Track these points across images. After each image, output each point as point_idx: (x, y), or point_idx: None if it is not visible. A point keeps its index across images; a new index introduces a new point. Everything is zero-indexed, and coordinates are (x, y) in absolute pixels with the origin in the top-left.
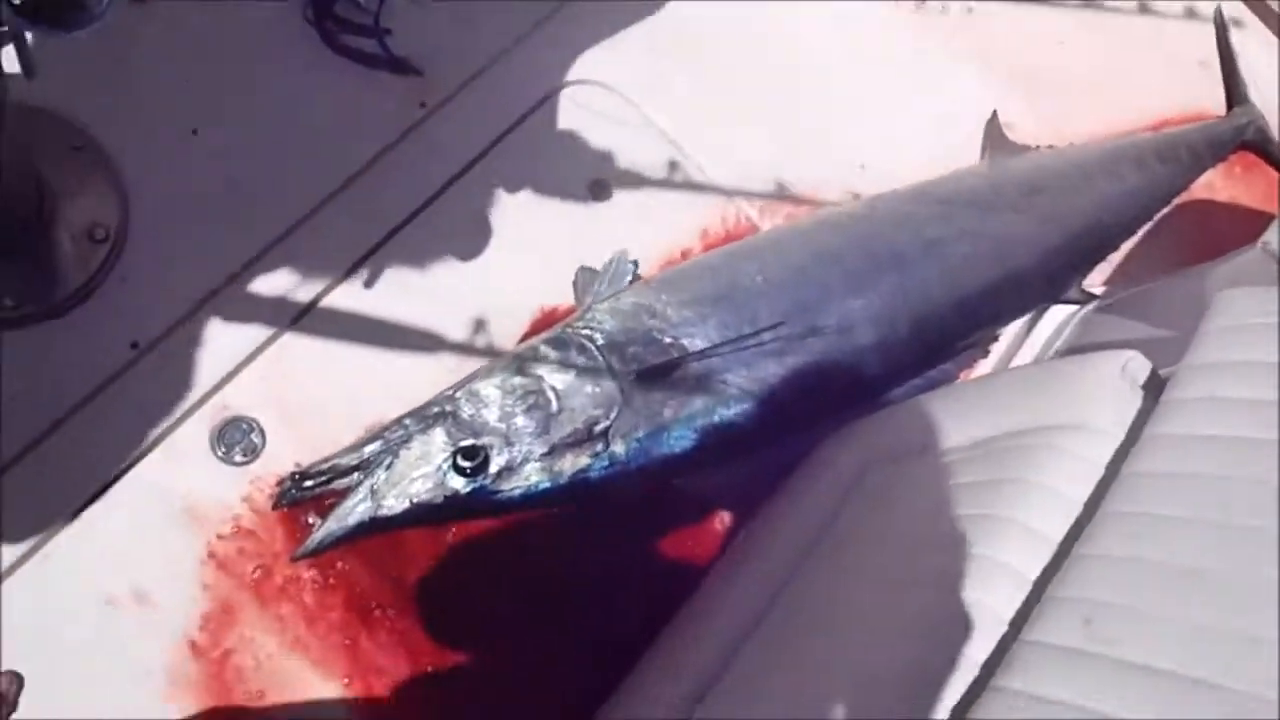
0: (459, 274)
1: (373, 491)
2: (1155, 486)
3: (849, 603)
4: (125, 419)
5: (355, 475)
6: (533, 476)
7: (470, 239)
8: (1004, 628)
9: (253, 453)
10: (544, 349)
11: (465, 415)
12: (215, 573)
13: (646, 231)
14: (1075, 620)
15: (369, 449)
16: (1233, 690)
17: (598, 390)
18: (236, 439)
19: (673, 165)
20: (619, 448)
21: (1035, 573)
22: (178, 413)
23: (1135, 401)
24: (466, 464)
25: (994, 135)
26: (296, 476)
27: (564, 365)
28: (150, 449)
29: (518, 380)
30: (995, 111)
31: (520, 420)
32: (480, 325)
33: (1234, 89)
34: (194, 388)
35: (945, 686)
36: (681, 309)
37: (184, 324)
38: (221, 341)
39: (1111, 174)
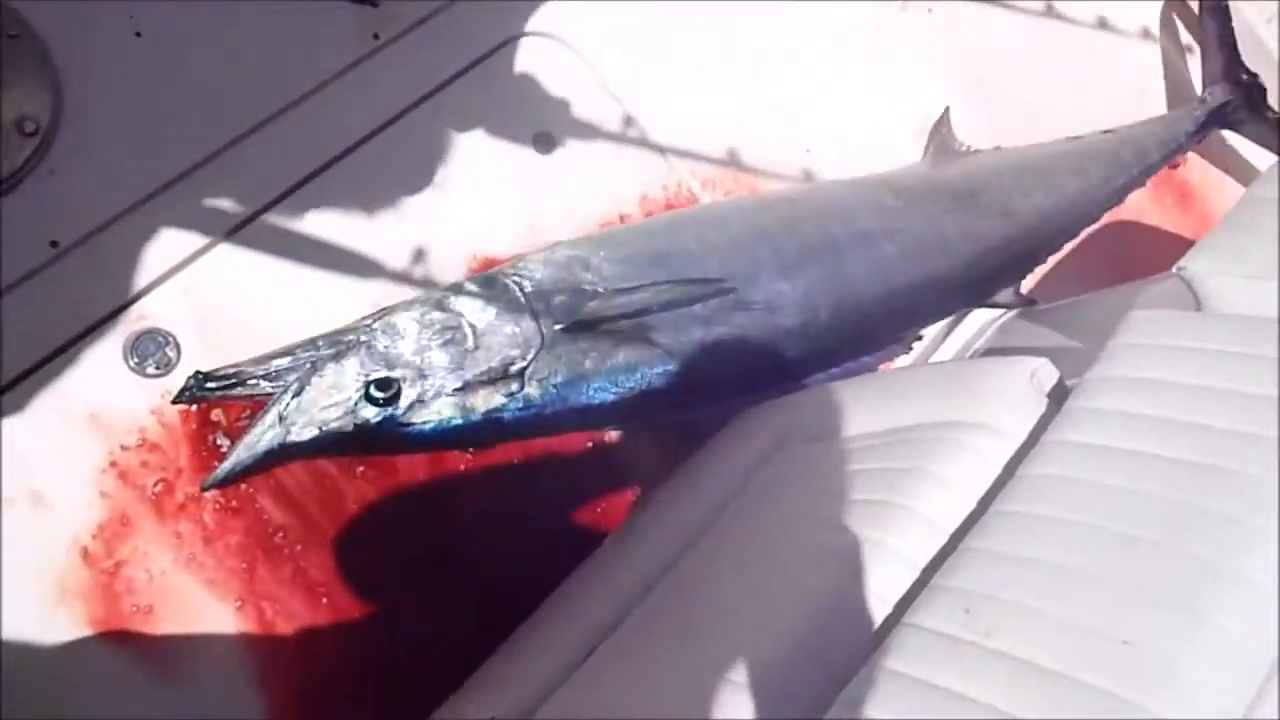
0: (397, 210)
1: (281, 418)
2: (1046, 489)
3: (743, 576)
4: (38, 318)
5: (260, 383)
6: (444, 411)
7: (411, 177)
8: (889, 609)
9: (166, 366)
10: (469, 285)
11: (380, 346)
12: (115, 482)
13: (586, 190)
14: (956, 609)
15: (276, 363)
16: (1100, 689)
17: (517, 331)
18: (150, 350)
19: (622, 125)
20: (534, 390)
21: (925, 560)
22: (92, 317)
23: (1040, 407)
24: (379, 395)
25: (939, 135)
26: (200, 375)
27: (486, 304)
28: (60, 351)
29: (436, 315)
30: (947, 109)
31: (435, 354)
32: (417, 260)
33: (1206, 70)
34: (112, 294)
35: (830, 661)
36: (615, 266)
37: (108, 228)
38: (146, 251)
39: (1048, 180)
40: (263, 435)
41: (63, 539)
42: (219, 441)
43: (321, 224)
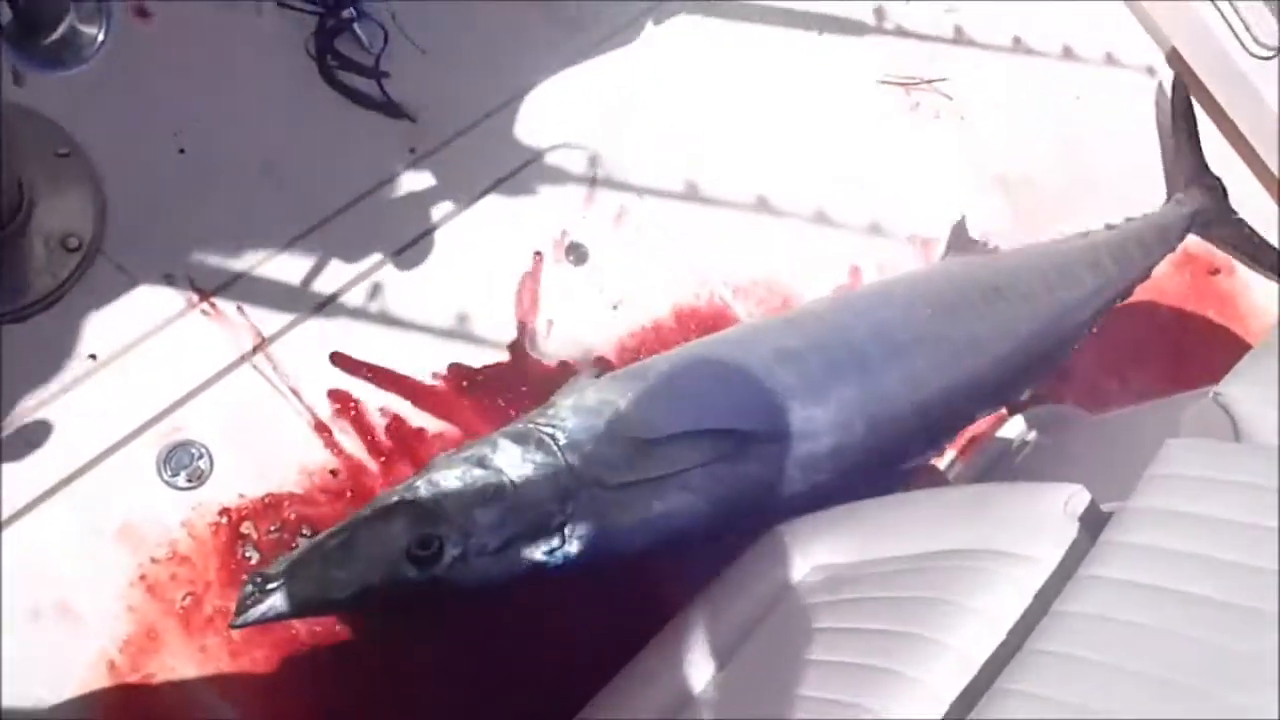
0: (429, 326)
1: (325, 574)
2: (1081, 628)
3: (770, 702)
4: (74, 430)
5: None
6: (486, 568)
7: (443, 287)
8: None
9: (199, 478)
10: (504, 443)
11: (423, 505)
12: (144, 595)
13: (622, 300)
14: None
15: (330, 544)
16: None
17: (555, 486)
18: (184, 463)
19: (655, 235)
20: (574, 546)
21: (953, 696)
22: (127, 430)
23: (1074, 536)
24: (421, 553)
25: (958, 234)
26: (259, 580)
27: (524, 460)
28: (95, 463)
29: (477, 472)
30: (964, 217)
31: (477, 512)
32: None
33: (1178, 172)
34: (147, 407)
35: None
36: (643, 410)
37: (145, 341)
38: (181, 364)
39: (1068, 276)
40: (304, 586)
41: (90, 652)
42: (249, 554)
43: (353, 338)
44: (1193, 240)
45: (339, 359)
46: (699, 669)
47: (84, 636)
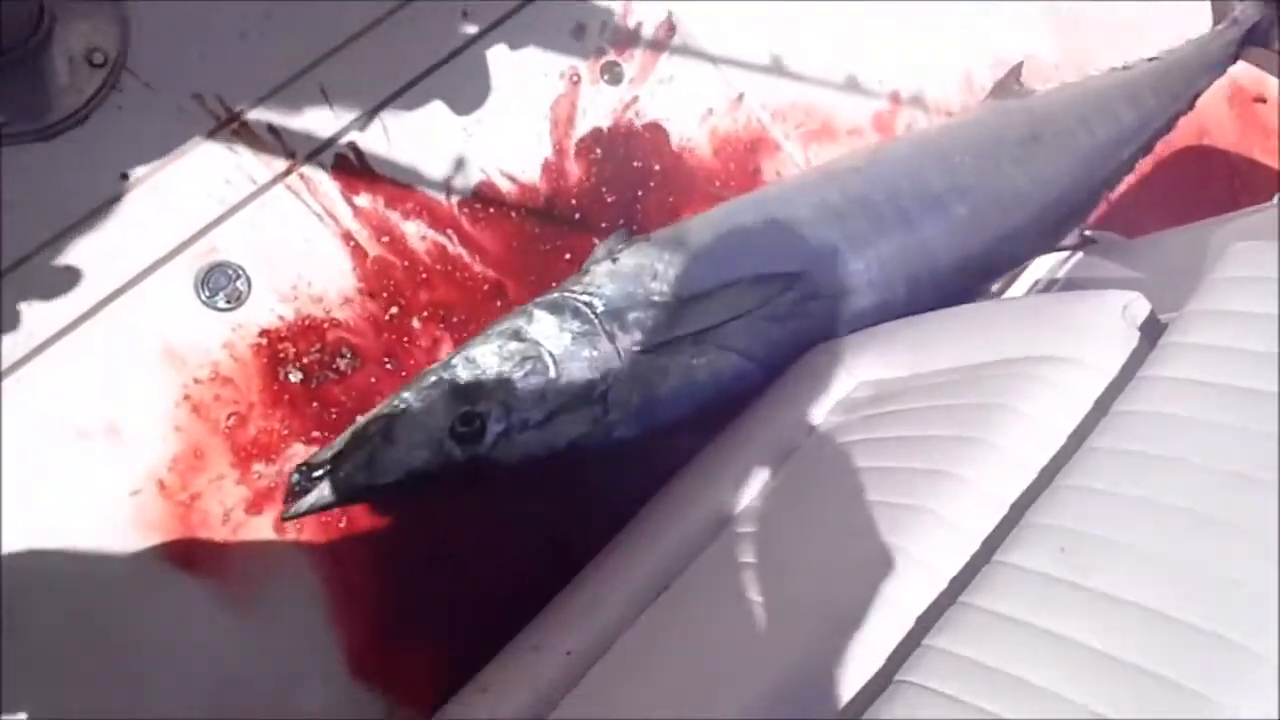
0: (464, 141)
1: (370, 459)
2: (1143, 425)
3: (818, 512)
4: (109, 251)
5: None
6: (530, 443)
7: (478, 107)
8: (976, 547)
9: (237, 300)
10: (539, 314)
11: (463, 381)
12: (189, 416)
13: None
14: (1051, 547)
15: (372, 429)
16: (1204, 630)
17: (595, 355)
18: (221, 284)
19: (690, 52)
20: (616, 414)
21: (1012, 497)
22: (163, 250)
23: (1133, 342)
24: (464, 429)
25: (1008, 78)
26: (303, 468)
27: (561, 330)
28: (132, 285)
29: (514, 346)
30: (1021, 63)
31: (518, 386)
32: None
33: None
34: (182, 227)
35: (912, 597)
36: (681, 269)
37: (177, 160)
38: (214, 184)
39: (1107, 114)
40: (351, 475)
41: (139, 472)
42: (290, 375)
43: (385, 159)
44: (1238, 69)
45: (370, 180)
46: (744, 484)
47: (133, 456)
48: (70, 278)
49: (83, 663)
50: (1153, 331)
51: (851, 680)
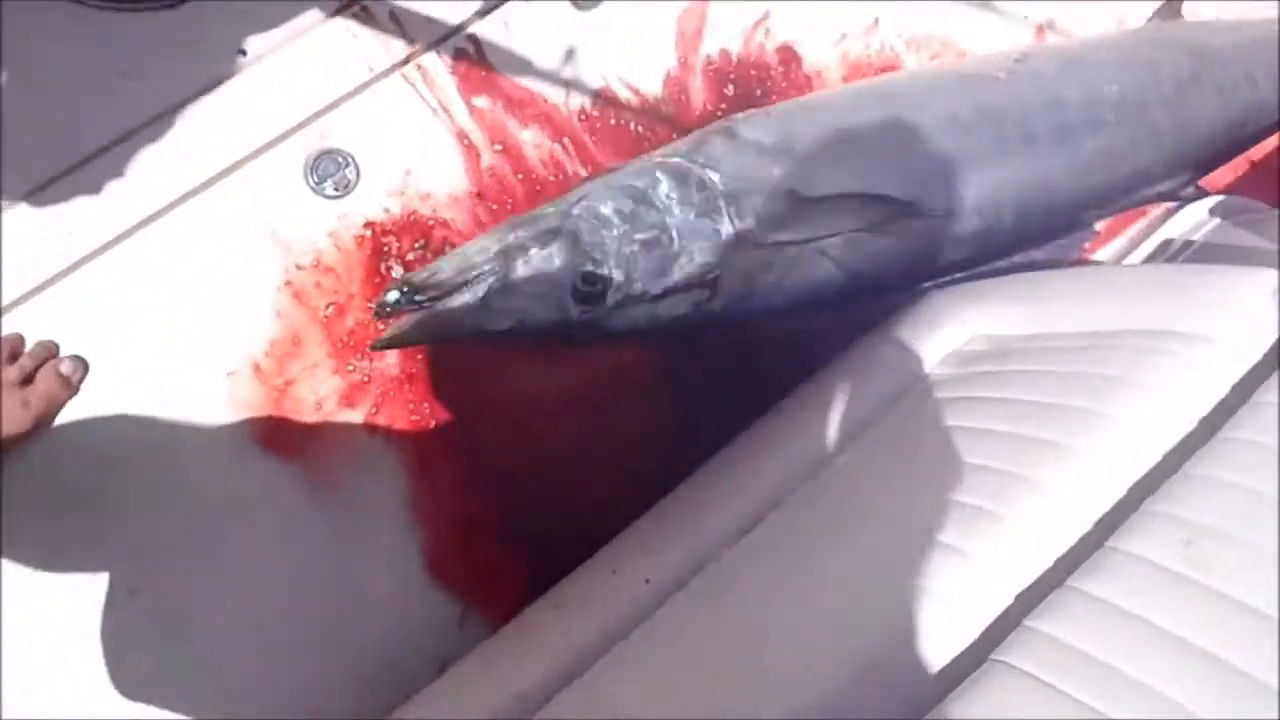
0: (585, 50)
1: (483, 300)
2: None
3: (923, 470)
4: (223, 127)
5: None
6: (640, 316)
7: (599, 17)
8: (1088, 527)
9: (345, 188)
10: (664, 179)
11: (586, 238)
12: (290, 301)
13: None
14: (1173, 539)
15: (482, 261)
16: None
17: (715, 236)
18: (330, 171)
19: None
20: (719, 301)
21: (1132, 479)
22: (276, 132)
23: (1276, 323)
24: (586, 289)
25: (1169, 9)
26: (406, 288)
27: (684, 202)
28: (242, 164)
29: (640, 210)
30: None
31: (640, 256)
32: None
33: None
34: (296, 110)
35: (1012, 572)
36: (799, 158)
37: (295, 41)
38: (331, 68)
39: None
40: (461, 313)
41: (237, 353)
42: (392, 269)
43: (506, 60)
44: None
45: (488, 77)
46: (844, 427)
47: (231, 336)
48: (182, 151)
49: (164, 530)
50: None
51: (943, 652)
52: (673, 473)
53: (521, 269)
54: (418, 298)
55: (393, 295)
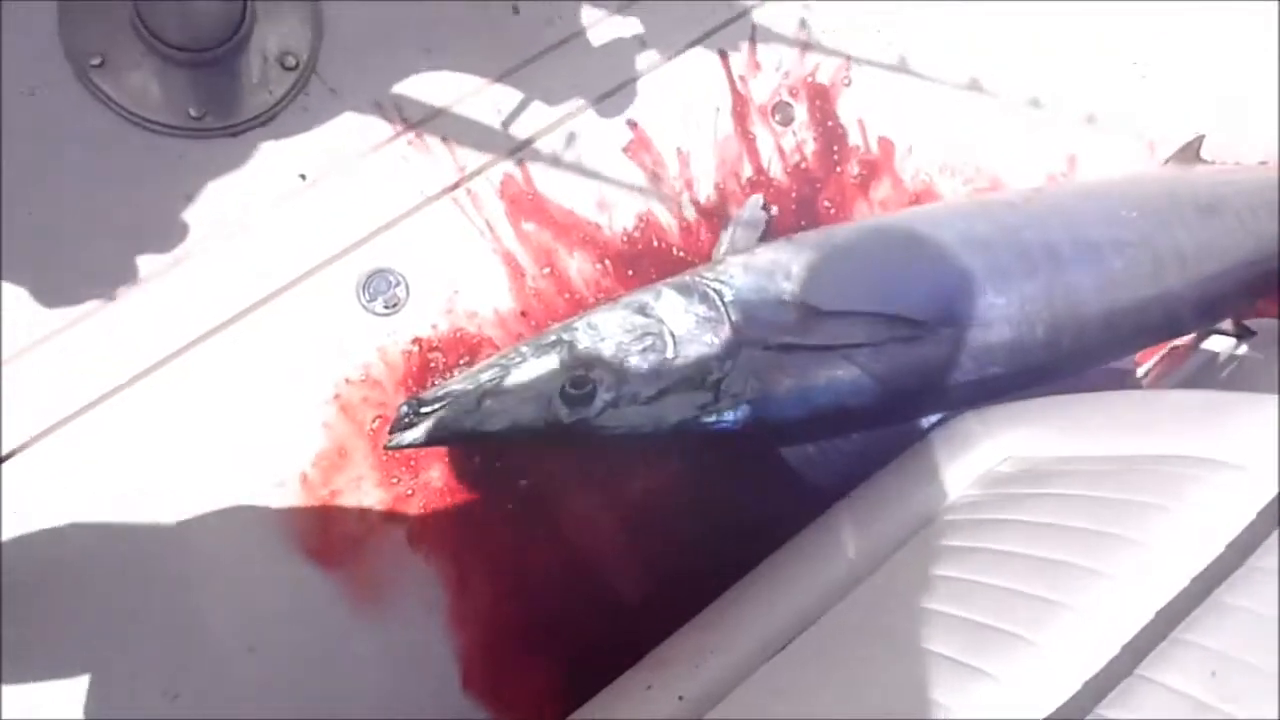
0: (624, 172)
1: (479, 403)
2: None
3: (955, 593)
4: (280, 247)
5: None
6: (636, 417)
7: (640, 140)
8: (1115, 650)
9: (395, 306)
10: (668, 293)
11: (581, 346)
12: (338, 414)
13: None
14: (1201, 668)
15: (485, 376)
16: None
17: (715, 342)
18: (382, 289)
19: (864, 112)
20: (726, 404)
21: (1160, 604)
22: (331, 252)
23: None
24: (575, 392)
25: (1188, 150)
26: (415, 403)
27: (686, 311)
28: (299, 281)
29: (638, 319)
30: (1201, 137)
31: (634, 359)
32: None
33: None
34: (352, 230)
35: (1040, 696)
36: (817, 278)
37: (353, 166)
38: (385, 191)
39: None
40: (457, 416)
41: (286, 464)
42: (437, 384)
43: (550, 182)
44: None
45: (535, 202)
46: (874, 547)
47: (281, 448)
48: (239, 270)
49: (205, 638)
50: None
51: None
52: (708, 589)
53: (516, 375)
54: (424, 409)
55: (403, 409)
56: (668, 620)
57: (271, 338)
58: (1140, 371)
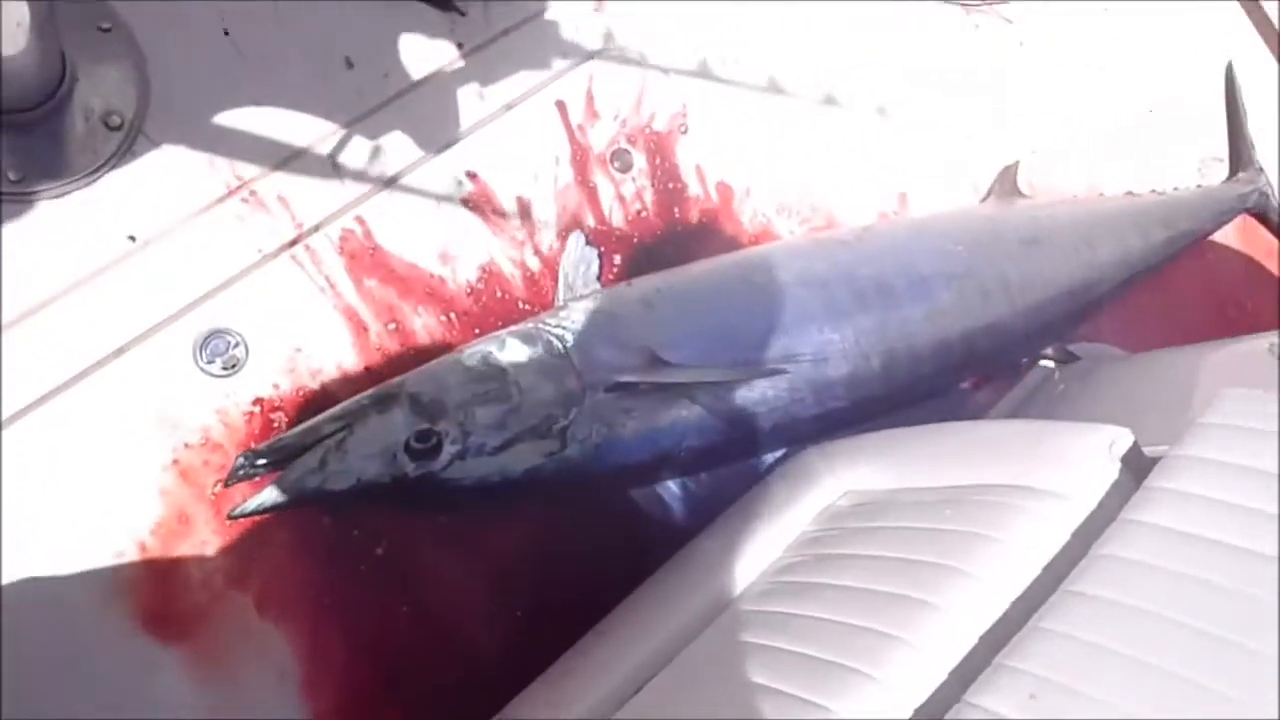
0: (465, 224)
1: (321, 463)
2: (1123, 573)
3: (797, 629)
4: (111, 311)
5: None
6: (484, 468)
7: (482, 190)
8: (944, 676)
9: (234, 367)
10: (511, 342)
11: (425, 399)
12: (176, 480)
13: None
14: (1021, 692)
15: (326, 429)
16: None
17: (559, 389)
18: (220, 350)
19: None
20: (574, 450)
21: (984, 628)
22: (165, 314)
23: (1116, 478)
24: (419, 447)
25: (1005, 179)
26: (250, 453)
27: (529, 360)
28: (131, 346)
29: (482, 370)
30: (1018, 161)
31: (479, 410)
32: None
33: (1239, 153)
34: (185, 291)
35: None
36: (659, 320)
37: (185, 225)
38: (220, 250)
39: (1112, 235)
40: (301, 478)
41: (122, 532)
42: None
43: (391, 234)
44: None
45: (375, 256)
46: (727, 587)
47: (117, 516)
48: (71, 336)
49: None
50: (1137, 467)
51: None
52: (564, 638)
53: (359, 431)
54: (260, 462)
55: (239, 462)
56: (525, 672)
57: (104, 404)
58: (976, 399)
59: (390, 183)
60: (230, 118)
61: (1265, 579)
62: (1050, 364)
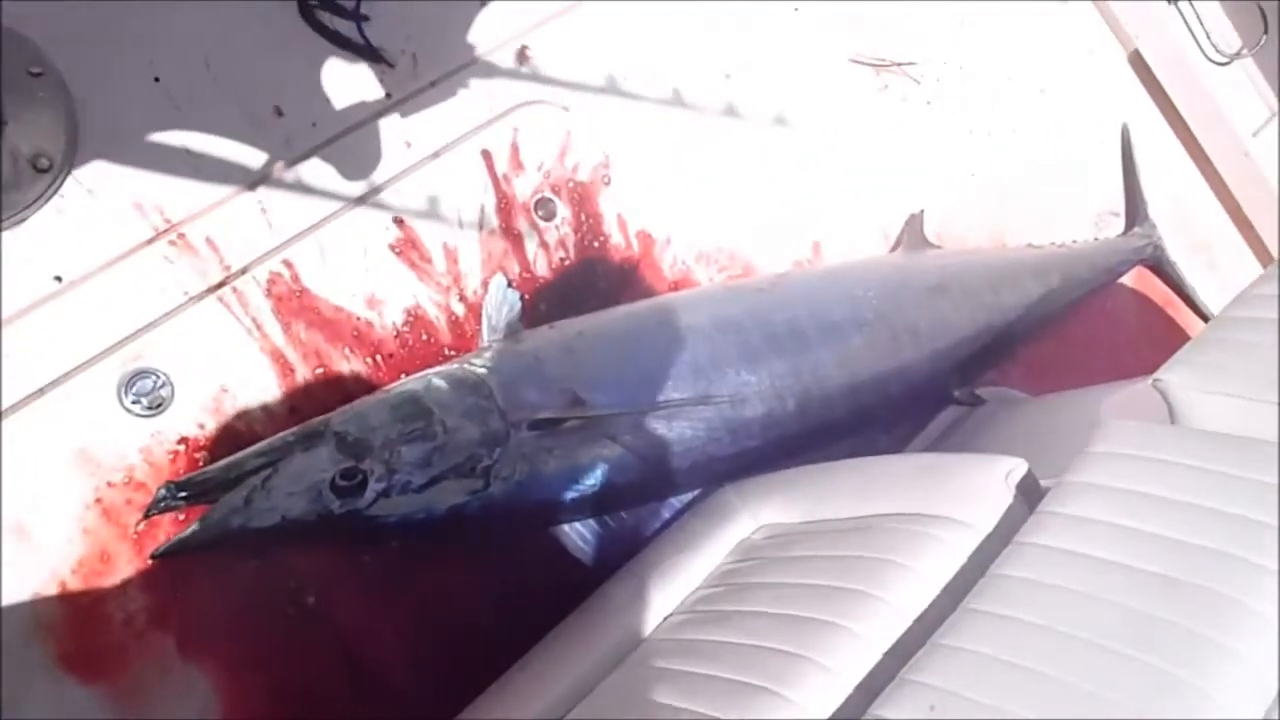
0: (393, 271)
1: (246, 501)
2: (1016, 591)
3: (711, 654)
4: (35, 351)
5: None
6: (409, 505)
7: (410, 237)
8: (849, 691)
9: (159, 406)
10: (436, 381)
11: (350, 437)
12: (99, 519)
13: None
14: (922, 704)
15: (250, 464)
16: None
17: (485, 429)
18: (145, 390)
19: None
20: (498, 488)
21: (889, 645)
22: (89, 353)
23: (1012, 505)
24: (344, 484)
25: (913, 229)
26: (172, 486)
27: (454, 399)
28: (55, 385)
29: (407, 409)
30: (922, 211)
31: (404, 448)
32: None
33: (1134, 209)
34: (111, 332)
35: None
36: (581, 362)
37: (112, 266)
38: (147, 291)
39: (1015, 284)
40: (225, 516)
41: (43, 571)
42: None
43: (318, 279)
44: None
45: (303, 299)
46: (645, 619)
47: (37, 556)
48: None
49: None
50: (1032, 495)
51: None
52: (489, 676)
53: (284, 468)
54: (182, 494)
55: (160, 493)
56: (448, 712)
57: (26, 442)
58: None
59: (317, 226)
60: (160, 162)
61: (1145, 592)
62: (959, 407)
